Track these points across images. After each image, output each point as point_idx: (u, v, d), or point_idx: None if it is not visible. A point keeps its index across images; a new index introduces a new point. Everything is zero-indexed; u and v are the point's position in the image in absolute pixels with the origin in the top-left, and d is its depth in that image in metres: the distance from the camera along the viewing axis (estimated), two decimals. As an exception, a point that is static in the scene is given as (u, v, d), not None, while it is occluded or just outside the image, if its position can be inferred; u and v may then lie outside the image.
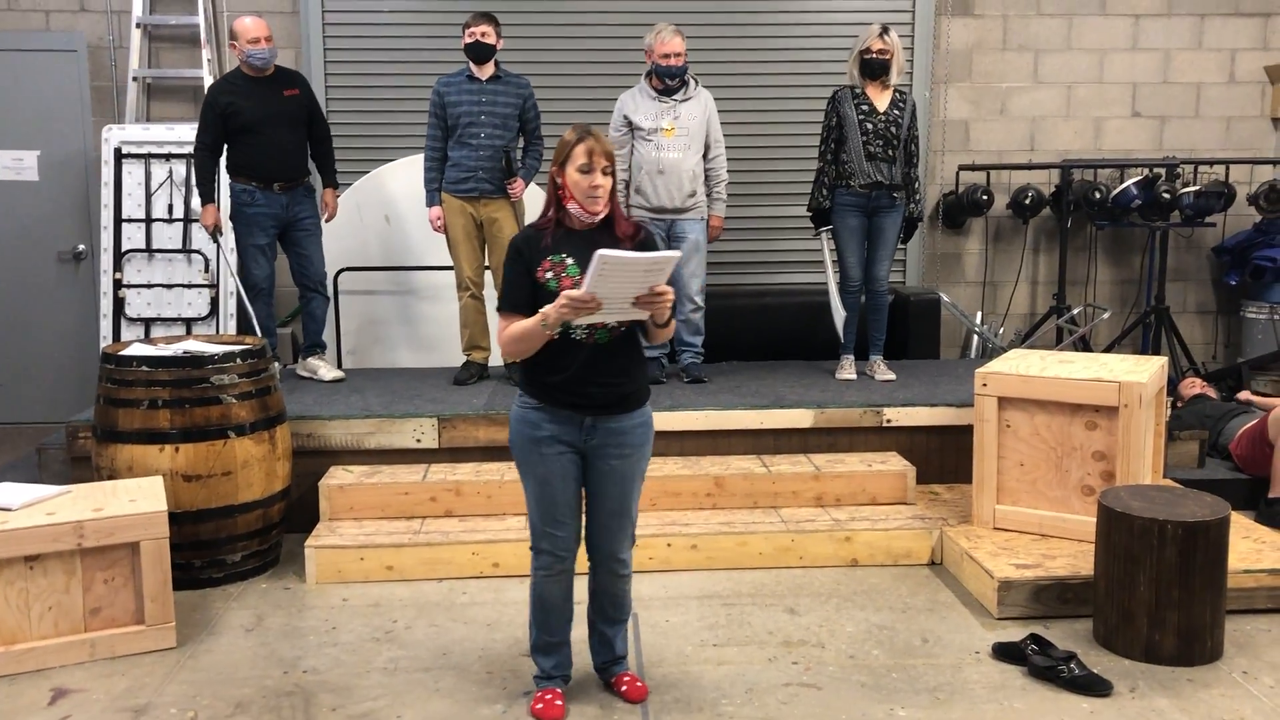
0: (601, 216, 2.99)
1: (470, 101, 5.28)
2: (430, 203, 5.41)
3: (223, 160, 5.36)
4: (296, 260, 5.51)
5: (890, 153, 5.28)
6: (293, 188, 5.42)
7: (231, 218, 5.42)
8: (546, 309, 2.85)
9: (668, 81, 5.31)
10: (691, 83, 5.40)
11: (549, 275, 2.95)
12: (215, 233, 5.37)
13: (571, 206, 2.97)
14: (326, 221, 5.64)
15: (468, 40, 5.25)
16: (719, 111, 5.47)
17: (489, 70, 5.29)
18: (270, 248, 5.42)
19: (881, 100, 5.30)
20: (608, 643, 3.28)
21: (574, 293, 2.77)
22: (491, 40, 5.24)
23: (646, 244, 3.05)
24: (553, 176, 3.00)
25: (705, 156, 5.41)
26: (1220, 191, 6.53)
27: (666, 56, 5.24)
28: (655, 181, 5.30)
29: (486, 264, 5.45)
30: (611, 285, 2.76)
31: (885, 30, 5.25)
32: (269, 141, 5.31)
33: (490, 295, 5.44)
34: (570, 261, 2.95)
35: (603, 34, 6.60)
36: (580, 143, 2.93)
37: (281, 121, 5.36)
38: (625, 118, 5.35)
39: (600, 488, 3.07)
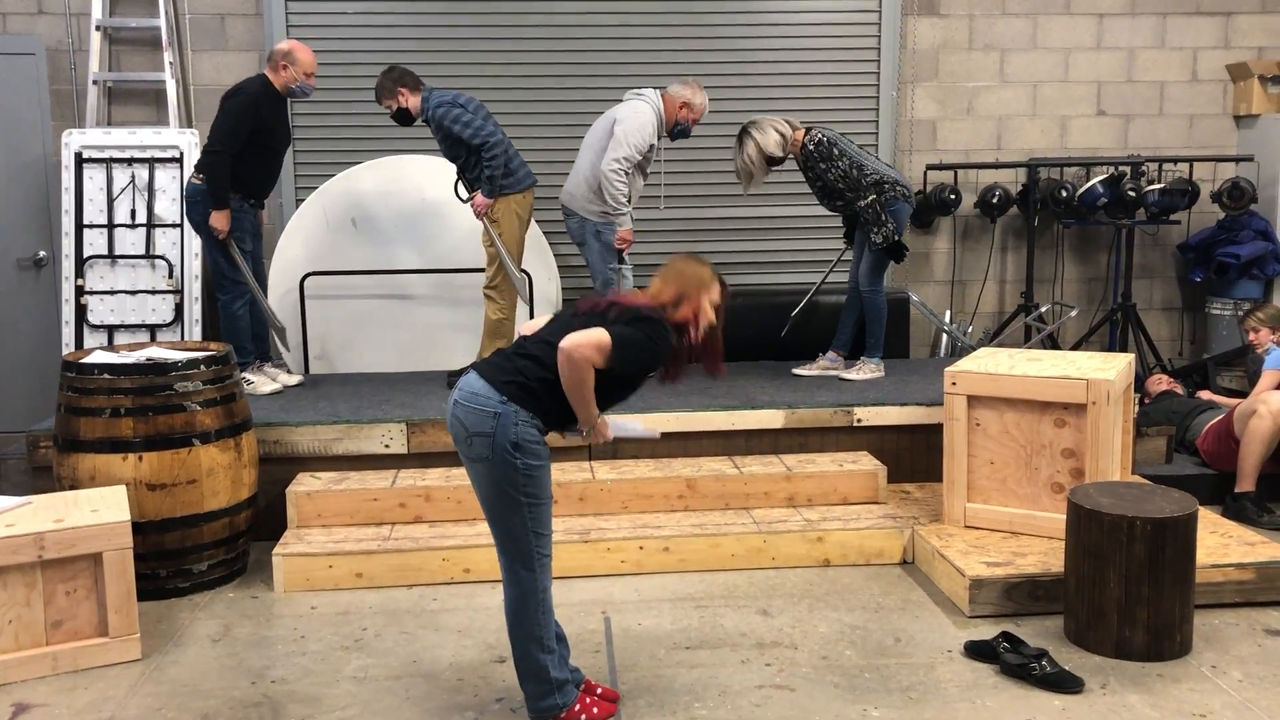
0: None
1: None
2: None
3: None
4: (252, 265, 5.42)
5: (820, 199, 5.50)
6: (261, 206, 5.47)
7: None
8: (603, 430, 3.00)
9: (679, 134, 5.54)
10: None
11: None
12: (228, 240, 5.12)
13: (691, 330, 3.01)
14: None
15: None
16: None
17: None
18: (245, 255, 5.30)
19: None
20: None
21: (609, 436, 3.05)
22: (393, 108, 5.28)
23: None
24: (688, 298, 3.00)
25: None
26: (1184, 189, 6.59)
27: (698, 119, 5.51)
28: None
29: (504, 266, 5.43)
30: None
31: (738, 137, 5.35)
32: (275, 162, 5.36)
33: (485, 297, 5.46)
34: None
35: (581, 41, 6.57)
36: (725, 286, 3.08)
37: (286, 144, 5.42)
38: (652, 146, 5.43)
39: None
